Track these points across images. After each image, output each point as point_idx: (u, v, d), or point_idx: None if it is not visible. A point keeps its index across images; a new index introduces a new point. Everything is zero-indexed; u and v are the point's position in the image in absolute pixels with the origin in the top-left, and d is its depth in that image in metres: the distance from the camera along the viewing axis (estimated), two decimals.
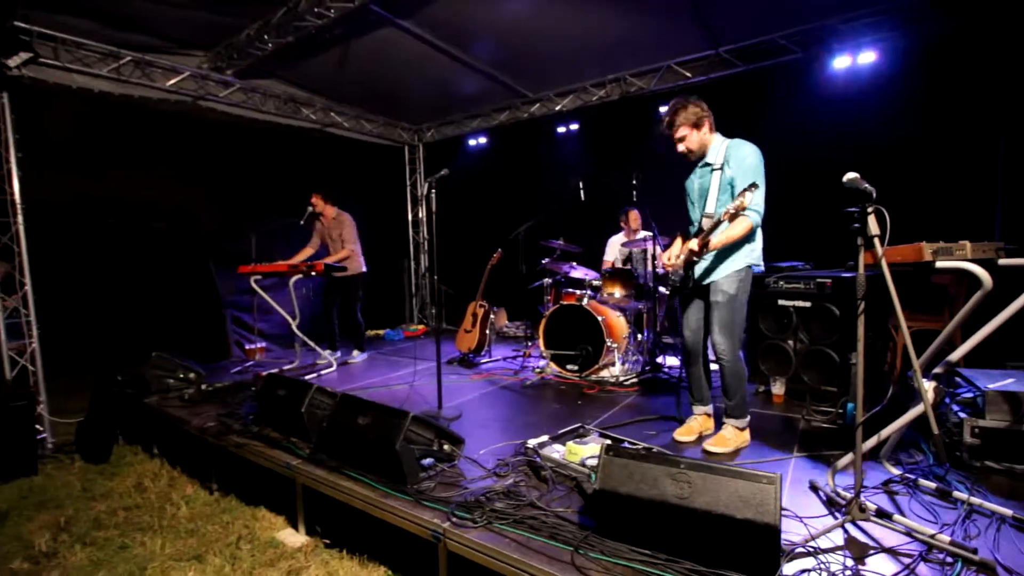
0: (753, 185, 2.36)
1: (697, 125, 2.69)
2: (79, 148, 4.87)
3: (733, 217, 2.41)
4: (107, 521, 2.80)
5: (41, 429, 3.82)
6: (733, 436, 2.75)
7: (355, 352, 5.30)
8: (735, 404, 2.75)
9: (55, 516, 2.85)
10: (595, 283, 4.72)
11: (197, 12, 4.21)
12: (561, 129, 6.35)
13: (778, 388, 3.59)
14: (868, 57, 4.33)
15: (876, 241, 1.86)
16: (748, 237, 2.62)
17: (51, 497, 3.09)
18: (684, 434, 2.90)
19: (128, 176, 5.15)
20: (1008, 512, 1.97)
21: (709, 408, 3.00)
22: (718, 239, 2.54)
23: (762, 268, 2.78)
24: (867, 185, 1.87)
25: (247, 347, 5.65)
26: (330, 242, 5.17)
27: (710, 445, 2.72)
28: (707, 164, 2.72)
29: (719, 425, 2.87)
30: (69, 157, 4.80)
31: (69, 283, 4.75)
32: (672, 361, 4.71)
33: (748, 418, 2.81)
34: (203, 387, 4.01)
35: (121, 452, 3.74)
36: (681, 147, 2.73)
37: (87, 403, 3.95)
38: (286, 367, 4.92)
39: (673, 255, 2.79)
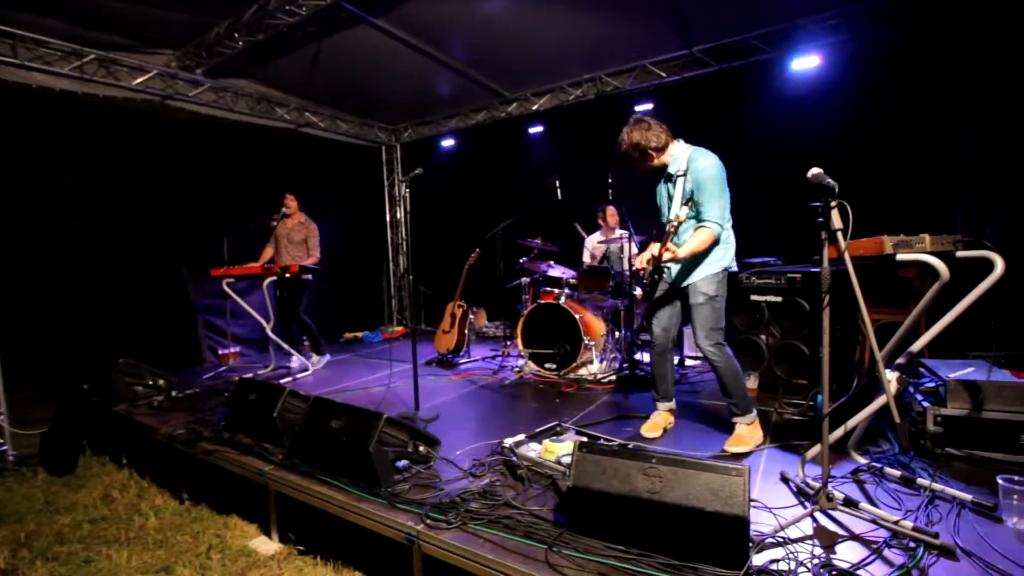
0: (690, 200, 2.49)
1: (654, 148, 2.71)
2: (41, 150, 4.70)
3: (677, 228, 2.49)
4: (71, 535, 2.70)
5: (2, 441, 3.68)
6: (748, 433, 2.70)
7: (314, 357, 5.08)
8: (737, 401, 2.71)
9: (15, 531, 2.75)
10: (573, 281, 4.73)
11: (164, 9, 4.11)
12: (538, 128, 6.37)
13: (751, 382, 3.64)
14: (836, 56, 4.44)
15: (839, 235, 1.90)
16: (717, 242, 2.66)
17: (11, 512, 2.97)
18: (649, 430, 2.94)
19: (94, 178, 5.01)
20: (968, 497, 2.03)
21: (672, 404, 3.04)
22: (683, 251, 2.57)
23: (736, 269, 2.82)
24: (830, 180, 1.91)
25: (220, 352, 5.54)
26: (287, 245, 4.95)
27: (730, 446, 2.68)
28: (671, 173, 2.77)
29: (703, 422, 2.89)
30: (30, 159, 4.63)
31: (32, 289, 4.59)
32: (649, 359, 4.75)
33: (755, 412, 2.75)
34: (173, 394, 3.91)
35: (88, 463, 3.62)
36: (645, 167, 2.80)
37: (52, 413, 3.82)
38: (260, 371, 4.83)
39: (644, 258, 2.81)
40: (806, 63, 4.55)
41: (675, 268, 2.80)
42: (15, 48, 4.07)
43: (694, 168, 2.64)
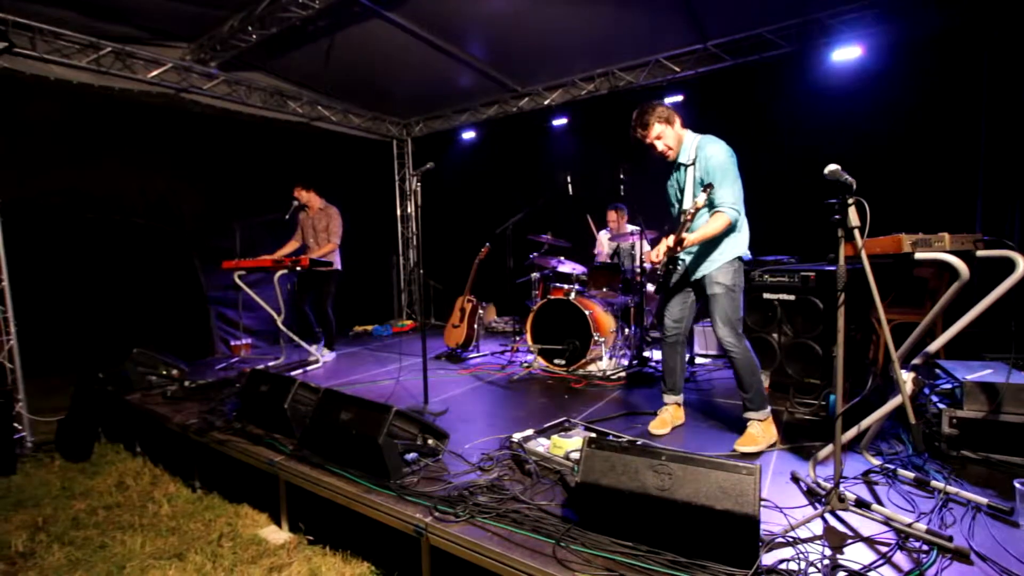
0: (709, 186, 2.41)
1: (669, 121, 2.68)
2: (58, 141, 4.78)
3: (694, 215, 2.44)
4: (86, 520, 2.76)
5: (20, 428, 3.75)
6: (761, 432, 2.64)
7: (324, 351, 5.08)
8: (752, 397, 2.66)
9: (33, 516, 2.81)
10: (583, 277, 4.72)
11: (179, 3, 4.14)
12: (550, 123, 6.33)
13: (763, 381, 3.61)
14: (854, 52, 4.36)
15: (856, 233, 1.87)
16: (731, 230, 2.63)
17: (29, 496, 3.04)
18: (658, 426, 2.92)
19: (110, 170, 5.08)
20: (984, 500, 2.00)
21: (680, 398, 3.01)
22: (696, 235, 2.54)
23: (750, 257, 2.77)
24: (847, 177, 1.88)
25: (232, 343, 5.60)
26: (313, 234, 5.04)
27: (741, 445, 2.62)
28: (681, 163, 2.73)
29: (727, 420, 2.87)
30: (48, 150, 4.71)
31: (49, 279, 4.67)
32: (659, 355, 4.72)
33: (769, 409, 2.69)
34: (186, 384, 3.96)
35: (103, 450, 3.69)
36: (660, 145, 2.72)
37: (68, 401, 3.89)
38: (271, 363, 4.88)
39: (660, 251, 2.78)
40: (823, 59, 4.48)
41: (689, 259, 2.76)
42: (33, 40, 4.12)
43: (703, 156, 2.61)
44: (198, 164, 5.65)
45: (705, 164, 2.59)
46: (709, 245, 2.67)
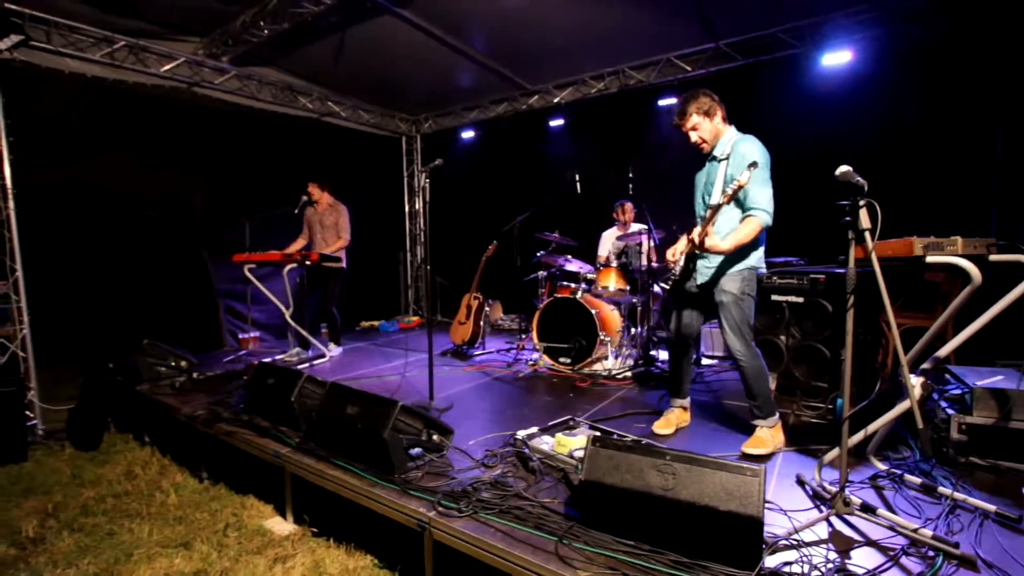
0: (753, 164, 2.29)
1: (708, 113, 2.63)
2: (72, 134, 4.83)
3: (732, 198, 2.33)
4: (95, 508, 2.80)
5: (31, 415, 3.81)
6: (769, 437, 2.63)
7: (331, 345, 5.13)
8: (760, 404, 2.63)
9: (43, 502, 2.85)
10: (590, 276, 4.70)
11: None
12: (559, 122, 6.32)
13: (771, 385, 3.58)
14: (867, 52, 4.31)
15: (867, 235, 1.85)
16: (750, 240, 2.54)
17: (40, 483, 3.09)
18: (662, 426, 2.91)
19: (122, 163, 5.13)
20: (991, 508, 1.98)
21: (686, 402, 3.00)
22: (728, 243, 2.43)
23: (764, 271, 2.71)
24: (859, 178, 1.85)
25: (240, 336, 5.64)
26: (321, 230, 5.03)
27: (748, 447, 2.60)
28: (715, 156, 2.68)
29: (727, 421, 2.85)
30: (62, 143, 4.76)
31: (61, 270, 4.73)
32: (666, 355, 4.70)
33: (777, 416, 2.67)
34: (195, 375, 4.01)
35: (112, 440, 3.74)
36: (694, 136, 2.67)
37: (78, 391, 3.95)
38: (279, 356, 4.91)
39: (678, 251, 2.72)
40: (836, 59, 4.43)
41: (701, 264, 2.71)
42: (48, 34, 4.17)
43: (737, 152, 2.54)
44: (209, 158, 5.69)
45: (740, 161, 2.50)
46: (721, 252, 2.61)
